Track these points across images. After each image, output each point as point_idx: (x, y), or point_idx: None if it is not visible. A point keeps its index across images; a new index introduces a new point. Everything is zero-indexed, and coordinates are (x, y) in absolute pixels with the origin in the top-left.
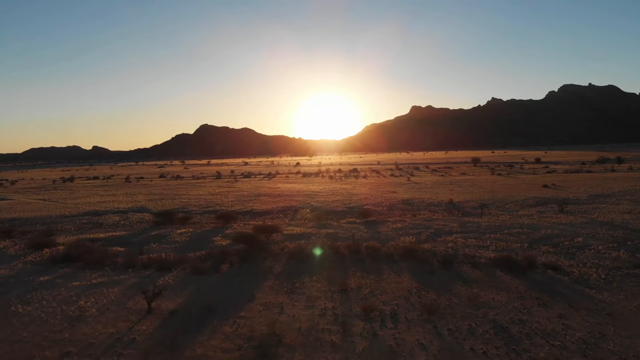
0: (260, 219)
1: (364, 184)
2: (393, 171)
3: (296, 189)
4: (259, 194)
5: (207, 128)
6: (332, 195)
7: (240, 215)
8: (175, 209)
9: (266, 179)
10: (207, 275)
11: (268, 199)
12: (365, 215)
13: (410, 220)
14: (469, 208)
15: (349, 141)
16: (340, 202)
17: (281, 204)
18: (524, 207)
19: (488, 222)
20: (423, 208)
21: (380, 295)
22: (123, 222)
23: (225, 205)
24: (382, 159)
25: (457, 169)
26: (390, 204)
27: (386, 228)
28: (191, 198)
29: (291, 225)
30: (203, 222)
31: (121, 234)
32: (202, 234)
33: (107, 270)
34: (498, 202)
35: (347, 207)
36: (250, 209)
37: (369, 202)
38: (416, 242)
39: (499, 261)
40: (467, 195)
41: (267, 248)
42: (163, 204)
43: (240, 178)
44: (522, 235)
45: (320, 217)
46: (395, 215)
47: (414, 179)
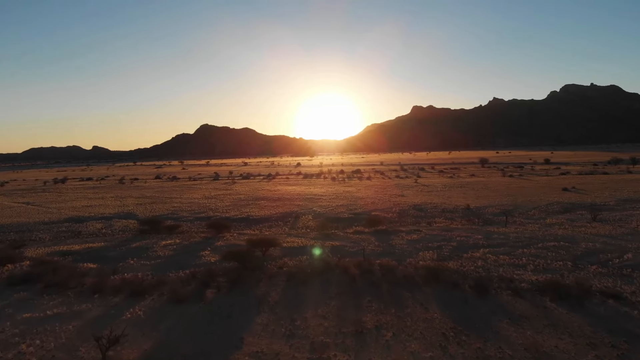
0: (257, 228)
1: (368, 187)
2: (398, 172)
3: (297, 191)
4: (257, 197)
5: (207, 128)
6: (335, 199)
7: (235, 222)
8: (164, 215)
9: (265, 180)
10: (188, 303)
11: (266, 203)
12: (375, 224)
13: (427, 230)
14: (489, 215)
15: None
16: (344, 207)
17: (280, 209)
18: (550, 214)
19: (516, 232)
20: (438, 215)
21: (407, 342)
22: (105, 230)
23: (220, 210)
24: (385, 159)
25: (464, 170)
26: (401, 210)
27: (400, 240)
28: (184, 202)
29: (291, 236)
30: (192, 231)
31: (99, 245)
32: (190, 246)
33: (69, 297)
34: (519, 207)
35: (352, 213)
36: (246, 215)
37: (376, 207)
38: (439, 259)
39: (544, 286)
40: (483, 199)
41: (263, 266)
42: (152, 209)
43: (238, 179)
44: (561, 251)
45: (324, 225)
46: (407, 224)
47: (422, 181)
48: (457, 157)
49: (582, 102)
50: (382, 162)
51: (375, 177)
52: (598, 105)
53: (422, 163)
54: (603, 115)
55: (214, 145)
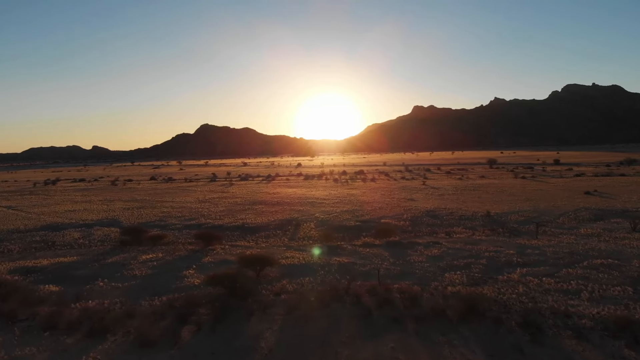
0: (253, 238)
1: (374, 189)
2: (403, 173)
3: (298, 194)
4: (255, 201)
5: (207, 128)
6: (339, 203)
7: (228, 232)
8: (150, 223)
9: (264, 182)
10: (158, 348)
11: (264, 208)
12: (386, 234)
13: (448, 243)
14: (514, 223)
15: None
16: (350, 213)
17: (279, 215)
18: (582, 223)
19: (551, 246)
20: (455, 223)
21: None
22: (82, 240)
23: (212, 217)
24: (388, 159)
25: (472, 171)
26: (413, 217)
27: (418, 255)
28: (175, 206)
29: (291, 249)
30: (179, 243)
31: (71, 260)
32: (172, 263)
33: (11, 336)
34: (544, 214)
35: (359, 220)
36: (241, 222)
37: (385, 213)
38: (470, 282)
39: (612, 325)
40: (502, 204)
41: (256, 291)
42: (140, 215)
43: (236, 181)
44: (612, 271)
45: (328, 235)
46: (423, 234)
47: (430, 183)
48: (462, 158)
49: (584, 102)
50: (385, 162)
51: (380, 178)
52: (600, 105)
53: (426, 164)
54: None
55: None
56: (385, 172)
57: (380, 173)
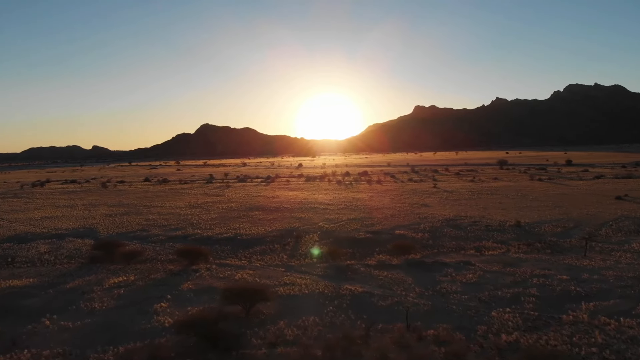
0: (245, 254)
1: (381, 193)
2: (410, 175)
3: (299, 198)
4: (251, 206)
5: (208, 128)
6: (345, 209)
7: (217, 245)
8: (129, 234)
9: (263, 183)
10: None
11: (261, 216)
12: (404, 250)
13: (481, 263)
14: (551, 235)
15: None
16: (358, 221)
17: (278, 225)
18: (629, 235)
19: (608, 267)
20: (482, 235)
21: None
22: (47, 256)
23: (202, 226)
24: (391, 159)
25: (483, 172)
26: (432, 227)
27: (450, 281)
28: (162, 213)
29: (291, 270)
30: (157, 260)
31: (26, 282)
32: (144, 291)
33: None
34: (581, 224)
35: (370, 231)
36: (234, 233)
37: (398, 222)
38: (527, 326)
39: None
40: (528, 211)
41: (244, 340)
42: (121, 223)
43: (233, 183)
44: None
45: (335, 253)
46: (448, 249)
47: (442, 186)
48: (467, 158)
49: (586, 102)
50: (389, 162)
51: (386, 180)
52: (602, 105)
53: (432, 164)
54: (607, 115)
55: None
56: (390, 173)
57: (385, 174)
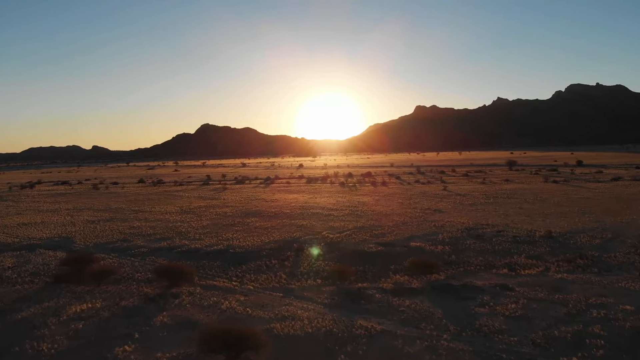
0: (237, 273)
1: (388, 196)
2: (415, 176)
3: (300, 202)
4: (248, 211)
5: (208, 127)
6: (351, 215)
7: (206, 261)
8: (108, 245)
9: (262, 185)
10: None
11: (258, 223)
12: (424, 268)
13: (520, 287)
14: (590, 248)
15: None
16: (367, 230)
17: (276, 234)
18: None
19: None
20: (511, 248)
21: None
22: (10, 272)
23: (191, 235)
24: (394, 160)
25: (492, 174)
26: (452, 238)
27: (489, 315)
28: (150, 219)
29: (290, 296)
30: (133, 280)
31: None
32: (108, 325)
33: None
34: (620, 234)
35: (381, 242)
36: (226, 245)
37: (412, 231)
38: None
39: None
40: (555, 219)
41: None
42: (102, 231)
43: (231, 184)
44: None
45: (344, 273)
46: (475, 267)
47: (452, 188)
48: (471, 158)
49: (588, 102)
50: (393, 163)
51: (391, 182)
52: (604, 105)
53: (437, 165)
54: (609, 115)
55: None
56: (394, 174)
57: (389, 175)
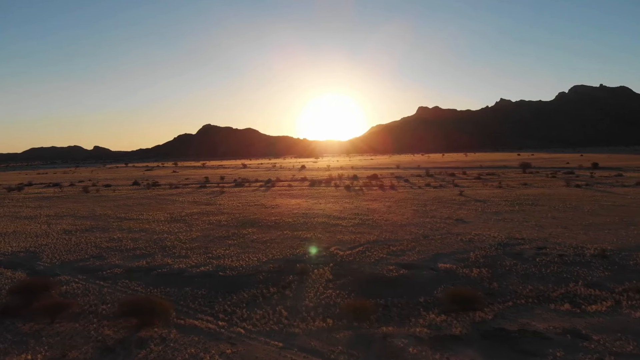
0: (225, 307)
1: (400, 202)
2: (424, 179)
3: (303, 209)
4: (245, 220)
5: (210, 128)
6: (362, 226)
7: (189, 288)
8: (78, 263)
9: (263, 188)
10: None
11: (255, 235)
12: (464, 304)
13: (596, 333)
14: None
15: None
16: (383, 246)
17: (276, 250)
18: None
19: None
20: (562, 271)
21: None
22: None
23: (176, 251)
24: (399, 161)
25: (506, 177)
26: (486, 257)
27: None
28: (134, 229)
29: (292, 348)
30: (95, 315)
31: None
32: None
33: None
34: None
35: (402, 263)
36: (215, 265)
37: (436, 247)
38: None
39: None
40: (599, 231)
41: None
42: (77, 244)
43: (229, 187)
44: None
45: (360, 309)
46: (525, 298)
47: (469, 193)
48: (479, 160)
49: (591, 103)
50: (398, 165)
51: (400, 185)
52: (607, 106)
53: (445, 167)
54: (612, 117)
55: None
56: (402, 176)
57: (397, 178)
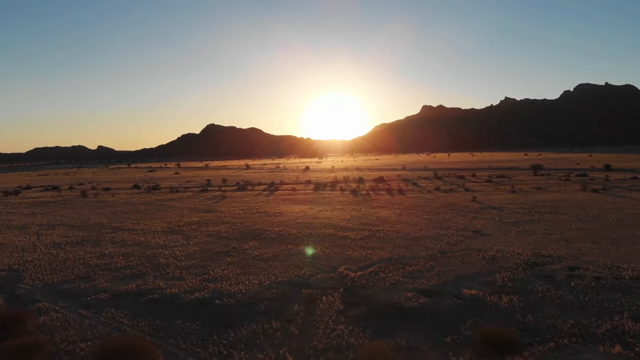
0: (222, 348)
1: (410, 209)
2: (433, 181)
3: (308, 217)
4: (246, 231)
5: (213, 127)
6: (373, 239)
7: (180, 320)
8: (62, 285)
9: (266, 192)
10: None
11: (257, 250)
12: (499, 346)
13: None
14: None
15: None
16: (398, 265)
17: (279, 271)
18: None
19: None
20: (602, 299)
21: None
22: None
23: (170, 271)
24: (404, 161)
25: (517, 179)
26: (514, 281)
27: None
28: (127, 242)
29: None
30: (71, 357)
31: None
32: None
33: None
34: None
35: (422, 289)
36: (211, 289)
37: (457, 267)
38: None
39: None
40: (631, 246)
41: None
42: (65, 260)
43: (231, 191)
44: None
45: (378, 355)
46: (569, 337)
47: (482, 199)
48: (485, 160)
49: (597, 101)
50: (404, 166)
51: (408, 189)
52: (613, 104)
53: (452, 168)
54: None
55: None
56: (409, 179)
57: (404, 181)
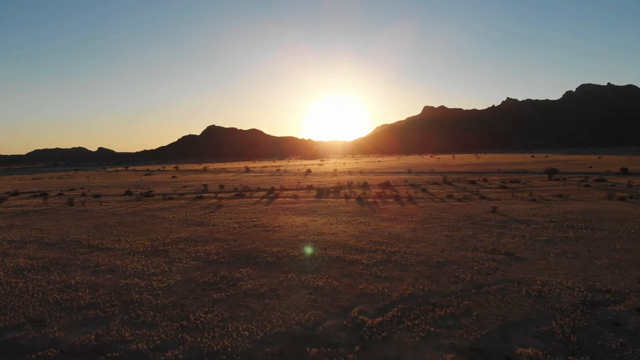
0: None
1: (427, 222)
2: (443, 187)
3: (311, 233)
4: (240, 253)
5: (214, 129)
6: (387, 265)
7: None
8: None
9: (265, 199)
10: None
11: (251, 282)
12: None
13: None
14: None
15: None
16: (423, 304)
17: (277, 316)
18: None
19: None
20: None
21: None
22: None
23: (142, 312)
24: (409, 163)
25: (532, 185)
26: (574, 329)
27: None
28: (101, 268)
29: None
30: None
31: None
32: None
33: None
34: None
35: (457, 343)
36: (189, 347)
37: (498, 309)
38: None
39: None
40: None
41: None
42: (20, 295)
43: (228, 199)
44: None
45: None
46: None
47: (502, 209)
48: (492, 162)
49: (599, 102)
50: (410, 168)
51: (418, 197)
52: (615, 105)
53: (460, 171)
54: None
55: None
56: (417, 184)
57: (412, 186)
